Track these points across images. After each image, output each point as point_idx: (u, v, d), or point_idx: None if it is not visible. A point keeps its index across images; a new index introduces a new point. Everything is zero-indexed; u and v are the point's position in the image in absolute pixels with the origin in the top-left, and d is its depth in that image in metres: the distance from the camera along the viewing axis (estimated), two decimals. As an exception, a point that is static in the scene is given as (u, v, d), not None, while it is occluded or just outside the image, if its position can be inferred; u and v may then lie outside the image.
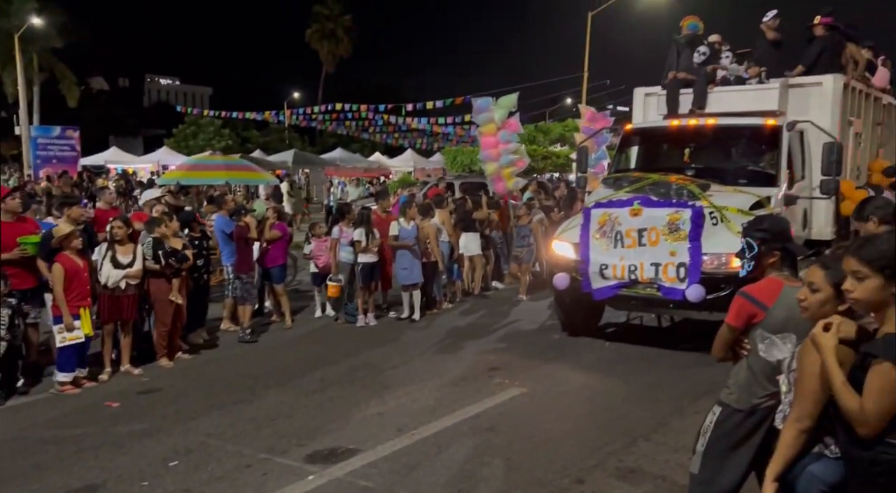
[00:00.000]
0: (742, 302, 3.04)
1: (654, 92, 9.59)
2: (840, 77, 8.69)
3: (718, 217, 6.90)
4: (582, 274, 7.22)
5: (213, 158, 15.51)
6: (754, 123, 8.09)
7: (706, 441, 3.16)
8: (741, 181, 7.59)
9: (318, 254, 9.26)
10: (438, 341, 8.14)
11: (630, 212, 7.07)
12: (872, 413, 2.17)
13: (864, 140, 9.94)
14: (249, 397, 6.18)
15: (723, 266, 6.70)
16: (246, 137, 42.28)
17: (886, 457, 2.19)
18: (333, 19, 52.26)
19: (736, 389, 3.11)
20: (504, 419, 5.59)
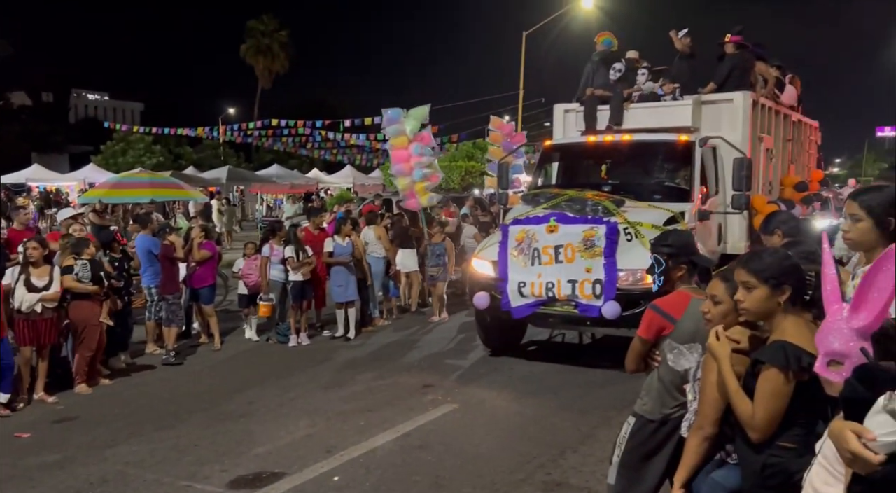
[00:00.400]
0: (652, 315, 3.12)
1: (573, 108, 9.71)
2: (749, 94, 8.86)
3: (633, 233, 6.88)
4: (501, 292, 7.15)
5: (139, 175, 15.02)
6: (668, 140, 8.21)
7: (622, 452, 3.22)
8: (656, 197, 7.63)
9: (248, 273, 9.05)
10: (373, 360, 8.06)
11: (546, 229, 7.03)
12: (762, 418, 2.26)
13: (775, 156, 10.17)
14: (172, 422, 5.96)
15: (638, 282, 6.70)
16: (179, 154, 41.09)
17: (776, 460, 2.28)
18: (269, 35, 51.64)
19: (648, 400, 3.18)
20: (435, 436, 5.56)
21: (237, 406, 6.37)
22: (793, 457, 2.25)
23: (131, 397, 6.73)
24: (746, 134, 8.63)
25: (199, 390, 6.94)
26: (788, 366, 2.21)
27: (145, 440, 5.55)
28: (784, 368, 2.21)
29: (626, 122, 8.89)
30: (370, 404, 6.36)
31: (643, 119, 8.80)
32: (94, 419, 6.09)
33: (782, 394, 2.23)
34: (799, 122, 11.53)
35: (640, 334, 3.15)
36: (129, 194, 13.54)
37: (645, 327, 3.13)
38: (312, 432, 5.69)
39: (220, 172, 28.46)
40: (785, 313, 2.34)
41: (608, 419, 5.86)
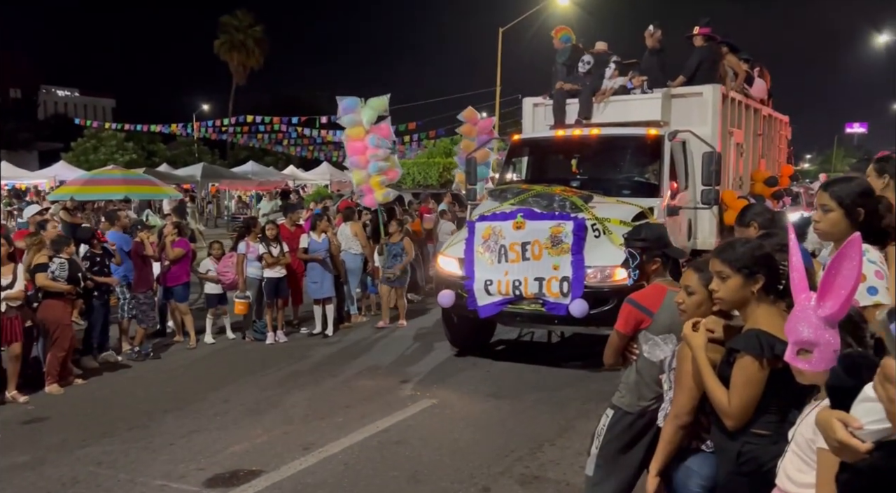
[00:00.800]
0: (629, 309, 3.14)
1: (542, 102, 9.46)
2: (719, 87, 8.72)
3: (601, 229, 6.77)
4: (467, 291, 6.96)
5: (112, 172, 14.77)
6: (636, 134, 8.07)
7: (600, 444, 3.23)
8: (624, 192, 7.54)
9: (224, 271, 8.92)
10: (350, 356, 8.02)
11: (513, 225, 6.85)
12: (737, 406, 2.28)
13: (745, 150, 10.05)
14: (146, 422, 5.87)
15: (607, 279, 6.59)
16: (152, 151, 40.46)
17: (751, 447, 2.30)
18: (243, 30, 51.00)
19: (626, 392, 3.20)
20: (413, 432, 5.55)
21: (212, 405, 6.30)
22: (767, 444, 2.27)
23: (104, 397, 6.62)
24: (716, 128, 8.52)
25: (174, 388, 6.85)
26: (762, 354, 2.23)
27: (118, 439, 5.47)
28: (758, 356, 2.24)
29: (596, 116, 8.74)
30: (348, 401, 6.32)
31: (613, 113, 8.65)
32: (65, 419, 5.98)
33: (756, 381, 2.25)
34: (769, 116, 11.46)
35: (617, 328, 3.17)
36: (101, 191, 13.32)
37: (623, 321, 3.15)
38: (289, 429, 5.64)
39: (195, 170, 28.08)
40: (758, 302, 2.36)
41: (586, 411, 5.90)
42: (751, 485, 2.28)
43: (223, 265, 8.97)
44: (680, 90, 8.78)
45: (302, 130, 33.65)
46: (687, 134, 8.00)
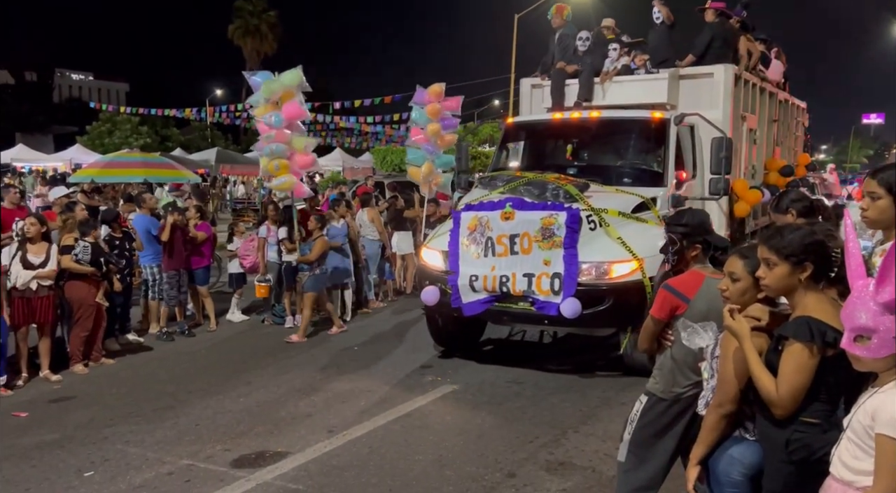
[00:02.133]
0: (665, 295, 3.13)
1: (541, 83, 8.83)
2: (732, 67, 8.05)
3: (597, 221, 6.25)
4: (451, 286, 6.41)
5: (131, 154, 14.84)
6: (640, 117, 7.49)
7: (633, 430, 3.23)
8: (625, 181, 7.01)
9: (245, 254, 8.99)
10: (370, 341, 8.05)
11: (501, 215, 6.25)
12: (786, 394, 2.26)
13: (759, 137, 9.39)
14: (171, 402, 5.93)
15: (603, 276, 6.05)
16: (166, 136, 40.57)
17: (800, 435, 2.29)
18: (257, 15, 50.92)
19: (661, 378, 3.20)
20: (436, 416, 5.58)
21: (235, 386, 6.35)
22: (817, 432, 2.26)
23: (128, 378, 6.68)
24: (728, 112, 7.93)
25: (197, 370, 6.91)
26: (813, 341, 2.21)
27: (144, 419, 5.53)
28: (809, 343, 2.22)
29: (597, 98, 8.16)
30: (369, 385, 6.36)
31: (615, 95, 8.07)
32: (91, 398, 6.05)
33: (806, 369, 2.23)
34: (786, 101, 10.79)
35: (653, 313, 3.15)
36: (121, 174, 13.39)
37: (658, 306, 3.13)
38: (312, 412, 5.68)
39: (209, 154, 28.13)
40: (806, 290, 2.34)
41: (607, 399, 5.90)
42: (800, 473, 2.27)
43: (244, 248, 9.03)
44: (689, 70, 8.16)
45: (315, 115, 33.64)
46: (695, 118, 7.40)
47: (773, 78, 10.00)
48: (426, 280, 6.81)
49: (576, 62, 8.40)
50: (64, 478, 4.49)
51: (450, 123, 10.19)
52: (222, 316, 9.03)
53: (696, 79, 8.07)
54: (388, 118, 31.16)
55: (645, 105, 7.75)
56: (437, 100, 9.99)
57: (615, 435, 5.02)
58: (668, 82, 7.88)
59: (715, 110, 7.77)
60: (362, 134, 38.47)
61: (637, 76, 8.13)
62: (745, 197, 8.38)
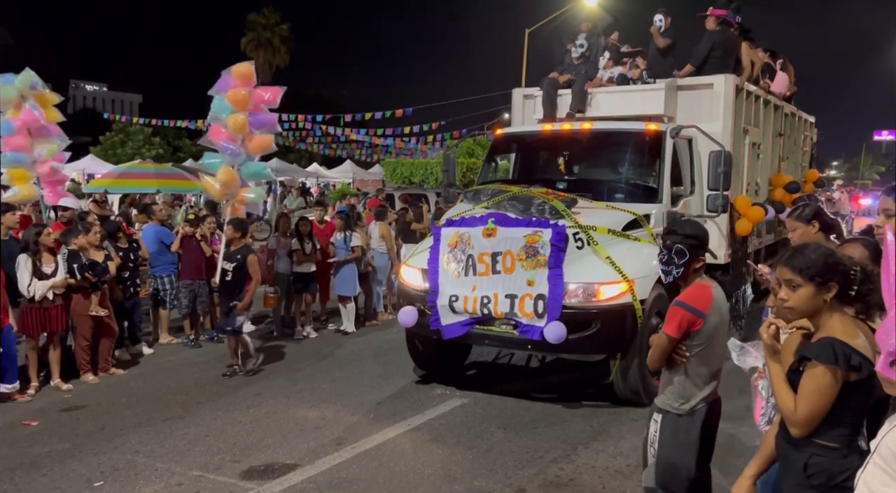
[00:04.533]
0: (682, 313, 3.10)
1: (533, 94, 8.50)
2: (732, 78, 7.70)
3: (585, 239, 5.92)
4: (430, 307, 6.09)
5: (144, 165, 14.95)
6: (633, 129, 7.13)
7: (657, 452, 3.19)
8: (618, 196, 6.68)
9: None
10: (379, 353, 8.04)
11: (483, 232, 5.93)
12: (804, 415, 2.23)
13: (762, 152, 9.03)
14: (181, 413, 5.94)
15: (590, 299, 5.70)
16: (178, 146, 40.90)
17: (819, 459, 2.25)
18: (270, 28, 51.47)
19: (673, 395, 3.18)
20: (445, 430, 5.56)
21: (245, 397, 6.36)
22: (836, 457, 2.23)
23: (138, 388, 6.70)
24: (728, 125, 7.57)
25: (206, 380, 6.92)
26: (837, 364, 2.17)
27: (154, 430, 5.54)
28: (832, 366, 2.17)
29: (591, 108, 7.79)
30: (378, 398, 6.35)
31: (610, 106, 7.71)
32: (102, 408, 6.07)
33: (828, 393, 2.19)
34: (792, 115, 10.42)
35: (669, 332, 3.11)
36: (134, 184, 13.48)
37: (675, 326, 3.09)
38: (322, 424, 5.68)
39: (220, 165, 28.35)
40: (831, 311, 2.30)
41: (617, 415, 5.86)
42: None
43: (253, 260, 9.05)
44: (687, 81, 7.81)
45: (326, 127, 33.89)
46: (693, 130, 7.10)
47: (778, 90, 9.68)
48: (404, 300, 6.54)
49: (569, 71, 8.19)
50: (74, 487, 4.50)
51: (265, 119, 7.65)
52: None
53: (696, 89, 7.74)
54: (399, 131, 31.34)
55: (641, 117, 7.43)
56: (245, 85, 7.48)
57: (625, 452, 5.03)
58: (665, 93, 7.52)
59: (714, 123, 7.44)
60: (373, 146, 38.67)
61: (633, 86, 7.86)
62: (747, 214, 8.00)
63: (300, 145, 40.02)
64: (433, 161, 27.92)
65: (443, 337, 6.10)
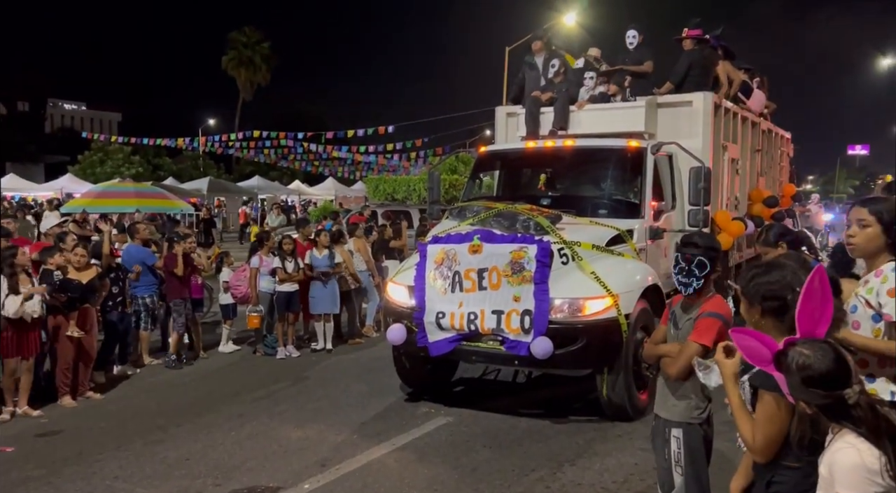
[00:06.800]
0: (720, 324, 3.11)
1: (516, 111, 8.65)
2: (711, 95, 7.86)
3: (569, 255, 5.96)
4: (417, 324, 6.10)
5: (123, 185, 14.82)
6: (615, 146, 7.24)
7: (684, 466, 3.18)
8: (601, 212, 6.77)
9: (237, 284, 8.94)
10: (363, 371, 7.97)
11: (469, 248, 5.96)
12: (760, 442, 2.25)
13: (741, 168, 9.22)
14: (161, 436, 5.83)
15: (575, 314, 5.73)
16: (158, 165, 40.66)
17: (780, 478, 2.28)
18: (251, 47, 51.54)
19: (688, 405, 3.22)
20: (431, 449, 5.50)
21: (227, 419, 6.26)
22: (799, 477, 2.23)
23: (117, 410, 6.57)
24: (708, 141, 7.72)
25: (187, 402, 6.81)
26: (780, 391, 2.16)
27: (133, 454, 5.42)
28: (776, 393, 2.18)
29: (574, 126, 7.93)
30: (363, 417, 6.28)
31: (592, 123, 7.82)
32: (79, 432, 5.94)
33: (778, 419, 2.20)
34: (769, 131, 10.68)
35: (706, 343, 3.08)
36: (114, 204, 13.34)
37: (713, 336, 3.08)
38: (305, 445, 5.60)
39: (201, 183, 28.23)
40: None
41: (603, 431, 5.85)
42: None
43: (235, 278, 8.98)
44: (667, 98, 7.98)
45: (308, 145, 33.90)
46: (673, 147, 7.20)
47: (754, 108, 9.89)
48: (391, 317, 6.52)
49: (550, 90, 8.29)
50: (50, 515, 4.39)
51: None
52: (214, 348, 8.95)
53: (675, 107, 7.91)
54: (382, 148, 31.42)
55: (622, 134, 7.52)
56: None
57: (611, 468, 5.02)
58: (645, 110, 7.68)
59: (694, 139, 7.57)
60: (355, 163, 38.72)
61: (614, 104, 7.97)
62: (728, 229, 8.14)
63: (282, 163, 40.00)
64: (416, 178, 27.97)
65: (430, 354, 6.10)
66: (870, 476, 1.84)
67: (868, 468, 1.84)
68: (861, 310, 2.65)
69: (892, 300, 2.55)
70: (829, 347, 1.98)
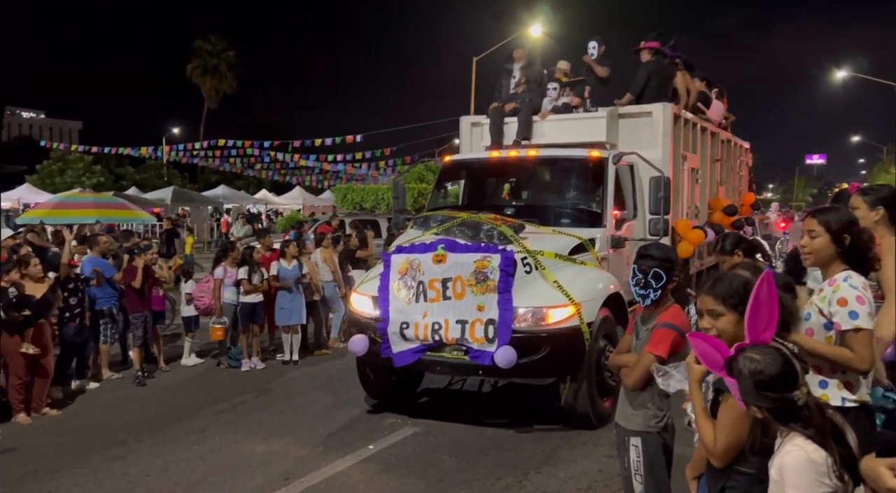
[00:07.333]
0: (674, 335, 3.14)
1: (480, 121, 8.77)
2: (670, 106, 8.01)
3: (532, 264, 5.99)
4: (381, 335, 6.05)
5: (83, 195, 14.49)
6: (577, 156, 7.32)
7: (643, 476, 3.21)
8: (563, 221, 6.85)
9: (200, 296, 8.81)
10: (329, 383, 7.91)
11: (433, 258, 5.95)
12: (721, 446, 2.30)
13: (701, 177, 9.38)
14: (121, 451, 5.70)
15: (539, 323, 5.76)
16: (120, 174, 39.90)
17: (734, 483, 2.32)
18: (216, 55, 51.00)
19: (645, 414, 3.23)
20: (396, 460, 5.48)
21: (189, 433, 6.15)
22: (751, 483, 2.28)
23: (76, 426, 6.42)
24: (668, 151, 7.85)
25: (148, 416, 6.67)
26: None
27: (91, 470, 5.30)
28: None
29: (537, 136, 8.01)
30: (328, 429, 6.23)
31: (555, 134, 7.94)
32: (35, 449, 5.77)
33: (741, 423, 2.24)
34: (728, 141, 10.89)
35: (660, 353, 3.11)
36: (72, 215, 12.99)
37: (667, 347, 3.11)
38: (269, 458, 5.53)
39: (165, 193, 27.76)
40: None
41: (568, 438, 5.89)
42: None
43: (199, 290, 8.86)
44: (628, 109, 8.09)
45: (274, 154, 33.62)
46: (634, 157, 7.30)
47: (714, 118, 10.07)
48: (355, 328, 6.46)
49: (514, 100, 8.38)
50: (3, 536, 4.26)
51: None
52: (176, 361, 8.79)
53: (636, 118, 8.02)
54: (350, 157, 31.33)
55: (584, 144, 7.62)
56: None
57: (576, 476, 5.06)
58: (606, 121, 7.78)
59: (654, 149, 7.68)
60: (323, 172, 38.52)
61: (576, 115, 8.07)
62: (688, 237, 8.26)
63: (248, 172, 39.59)
64: (384, 187, 27.92)
65: (394, 365, 6.06)
66: (818, 477, 1.91)
67: (816, 469, 1.91)
68: (815, 318, 2.73)
69: (842, 309, 2.63)
70: (777, 351, 2.05)
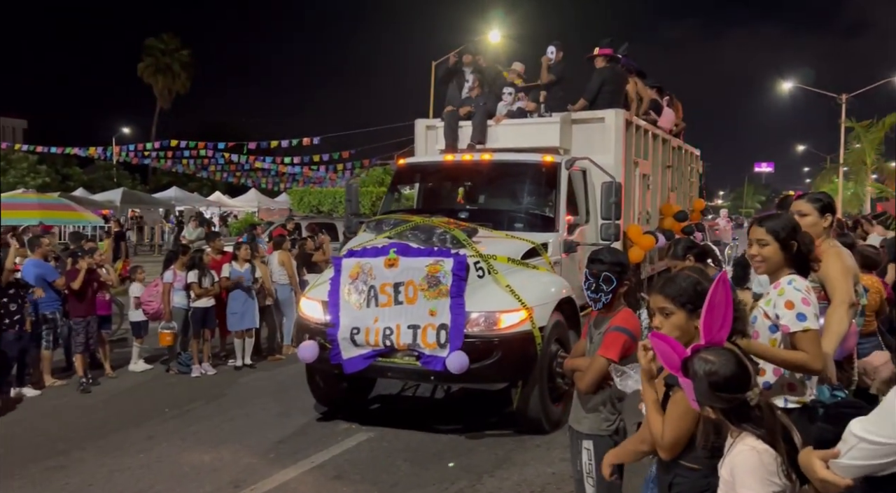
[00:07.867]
0: (625, 338, 3.16)
1: (435, 125, 8.75)
2: (623, 112, 8.09)
3: (485, 268, 5.97)
4: (331, 340, 5.94)
5: (26, 195, 13.97)
6: (531, 161, 7.36)
7: (595, 479, 3.21)
8: (517, 226, 6.84)
9: (148, 300, 8.58)
10: (282, 389, 7.78)
11: (385, 262, 5.88)
12: (669, 439, 2.34)
13: (652, 183, 9.52)
14: (62, 461, 5.49)
15: (491, 327, 5.72)
16: (67, 175, 38.65)
17: (681, 479, 2.37)
18: (170, 54, 49.95)
19: (597, 418, 3.25)
20: (351, 466, 5.42)
21: (135, 441, 5.97)
22: (697, 478, 2.32)
23: (13, 435, 6.16)
24: (619, 157, 7.93)
25: (92, 425, 6.45)
26: None
27: (29, 481, 5.09)
28: None
29: (492, 140, 8.05)
30: (280, 436, 6.12)
31: (510, 138, 7.99)
32: (-31, 461, 5.53)
33: (688, 417, 2.29)
34: (679, 148, 11.09)
35: (611, 357, 3.13)
36: (14, 216, 12.49)
37: (618, 351, 3.13)
38: (219, 466, 5.40)
39: (114, 194, 27.00)
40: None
41: (521, 442, 5.92)
42: None
43: (147, 294, 8.63)
44: (581, 115, 8.19)
45: (229, 156, 33.04)
46: (586, 162, 7.36)
47: (665, 125, 10.23)
48: (304, 334, 6.30)
49: (469, 104, 8.39)
50: (-68, 553, 4.05)
51: None
52: (124, 367, 8.54)
53: (588, 123, 8.11)
54: (308, 159, 30.99)
55: (538, 149, 7.66)
56: None
57: (529, 479, 5.09)
58: (560, 126, 7.86)
59: (606, 155, 7.77)
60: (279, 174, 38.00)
61: (530, 120, 8.10)
62: (639, 242, 8.38)
63: (202, 173, 38.80)
64: (342, 190, 27.73)
65: (344, 371, 5.94)
66: (768, 476, 1.96)
67: (767, 469, 1.97)
68: (760, 321, 2.80)
69: (789, 312, 2.70)
70: (731, 353, 2.10)
